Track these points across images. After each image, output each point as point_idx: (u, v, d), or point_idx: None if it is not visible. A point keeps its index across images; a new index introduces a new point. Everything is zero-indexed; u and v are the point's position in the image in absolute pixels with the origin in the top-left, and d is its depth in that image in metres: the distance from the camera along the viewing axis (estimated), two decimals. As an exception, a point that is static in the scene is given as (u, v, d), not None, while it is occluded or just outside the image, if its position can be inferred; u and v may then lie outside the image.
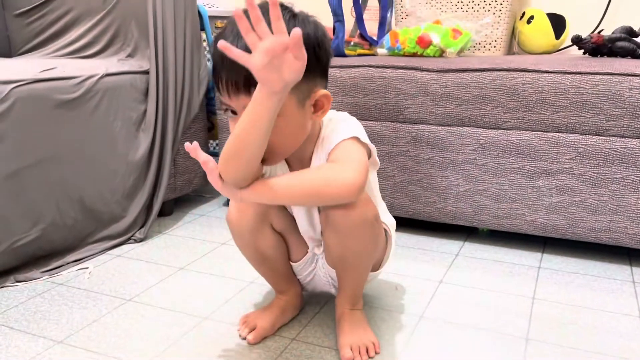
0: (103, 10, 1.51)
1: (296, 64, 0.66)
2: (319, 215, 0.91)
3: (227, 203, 1.70)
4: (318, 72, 0.81)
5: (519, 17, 1.66)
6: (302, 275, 1.02)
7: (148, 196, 1.46)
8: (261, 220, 0.93)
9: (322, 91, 0.82)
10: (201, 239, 1.44)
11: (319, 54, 0.79)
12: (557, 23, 1.62)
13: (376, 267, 0.98)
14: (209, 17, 1.77)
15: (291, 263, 1.00)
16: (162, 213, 1.58)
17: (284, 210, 0.96)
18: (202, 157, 0.75)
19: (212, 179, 0.77)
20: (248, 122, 0.72)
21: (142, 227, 1.45)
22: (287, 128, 0.79)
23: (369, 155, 0.88)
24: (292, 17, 0.78)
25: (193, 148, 0.74)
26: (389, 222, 1.01)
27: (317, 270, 1.01)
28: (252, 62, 0.65)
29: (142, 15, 1.46)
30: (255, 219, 0.92)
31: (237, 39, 0.73)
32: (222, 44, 0.64)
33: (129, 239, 1.41)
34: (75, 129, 1.27)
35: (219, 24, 1.87)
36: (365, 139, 0.85)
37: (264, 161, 0.80)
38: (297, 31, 0.63)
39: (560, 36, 1.64)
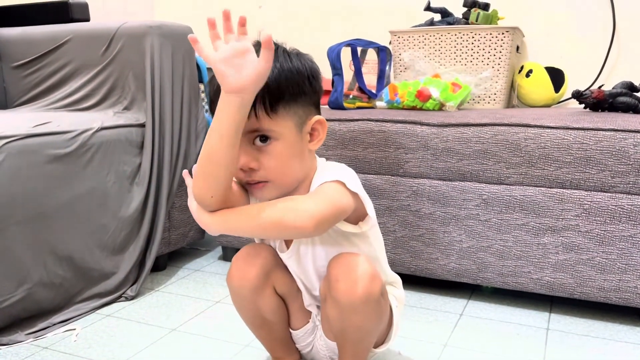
0: (101, 64, 1.50)
1: (259, 64, 0.69)
2: (321, 284, 0.87)
3: (223, 257, 1.65)
4: (312, 101, 0.83)
5: (518, 71, 1.66)
6: (301, 344, 0.97)
7: (141, 251, 1.42)
8: (264, 282, 0.89)
9: (317, 116, 0.83)
10: (195, 297, 1.38)
11: (313, 84, 0.82)
12: (556, 76, 1.62)
13: (379, 343, 0.93)
14: (207, 68, 1.77)
15: (291, 330, 0.95)
16: (155, 268, 1.53)
17: (289, 274, 0.92)
18: (188, 180, 0.81)
19: (189, 202, 0.80)
20: (211, 131, 0.73)
21: (133, 283, 1.39)
22: (286, 153, 0.79)
23: (364, 214, 0.84)
24: (284, 52, 0.80)
25: (185, 173, 0.82)
26: (397, 295, 0.95)
27: (315, 342, 0.96)
28: (211, 56, 0.69)
29: (140, 68, 1.45)
30: (258, 279, 0.88)
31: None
32: (192, 37, 0.70)
33: (120, 296, 1.35)
34: (67, 184, 1.24)
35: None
36: (354, 186, 0.80)
37: (262, 191, 0.81)
38: (267, 33, 0.67)
39: (559, 89, 1.63)
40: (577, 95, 1.35)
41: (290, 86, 0.78)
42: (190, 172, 0.81)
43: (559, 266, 1.24)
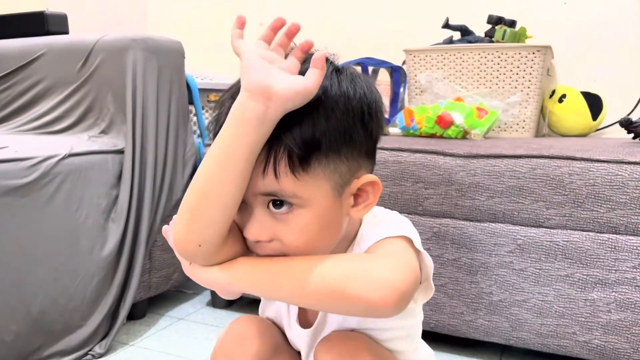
0: (77, 81, 1.33)
1: (305, 80, 0.51)
2: None
3: (211, 303, 1.45)
4: (364, 149, 0.58)
5: (549, 95, 1.48)
6: None
7: (115, 299, 1.21)
8: None
9: (369, 176, 0.59)
10: (176, 354, 1.17)
11: (369, 125, 0.58)
12: (593, 102, 1.45)
13: None
14: (200, 89, 1.60)
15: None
16: (132, 316, 1.33)
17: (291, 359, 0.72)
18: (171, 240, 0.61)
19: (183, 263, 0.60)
20: (211, 152, 0.53)
21: (103, 338, 1.19)
22: (314, 225, 0.56)
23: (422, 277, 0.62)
24: (335, 72, 0.57)
25: (165, 231, 0.61)
26: None
27: None
28: (245, 47, 0.54)
29: (120, 87, 1.28)
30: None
31: None
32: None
33: (86, 354, 1.15)
34: (25, 221, 1.05)
35: (212, 97, 1.69)
36: (419, 245, 0.60)
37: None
38: (320, 52, 0.53)
39: (597, 117, 1.45)
40: (627, 124, 1.17)
41: (332, 132, 0.54)
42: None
43: (611, 327, 1.04)
